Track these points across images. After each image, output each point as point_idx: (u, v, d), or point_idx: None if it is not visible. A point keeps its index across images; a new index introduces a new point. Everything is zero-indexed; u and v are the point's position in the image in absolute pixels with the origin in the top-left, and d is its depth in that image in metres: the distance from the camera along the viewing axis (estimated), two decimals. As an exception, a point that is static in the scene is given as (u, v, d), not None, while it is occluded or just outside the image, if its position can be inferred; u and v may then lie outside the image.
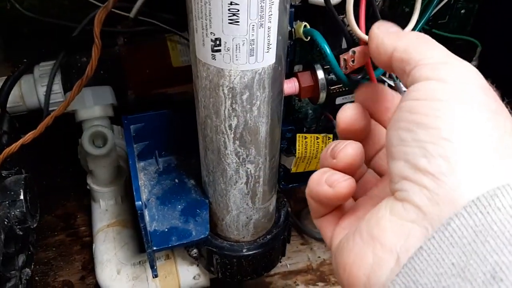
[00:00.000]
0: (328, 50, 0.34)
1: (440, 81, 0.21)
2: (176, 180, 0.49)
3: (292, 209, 0.64)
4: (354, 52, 0.30)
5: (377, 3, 0.41)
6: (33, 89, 0.61)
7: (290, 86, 0.42)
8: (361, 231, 0.23)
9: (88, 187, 0.62)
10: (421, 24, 0.38)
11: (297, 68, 0.46)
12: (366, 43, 0.30)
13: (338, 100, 0.48)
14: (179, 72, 0.66)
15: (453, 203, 0.19)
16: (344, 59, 0.31)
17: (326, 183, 0.25)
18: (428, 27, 0.44)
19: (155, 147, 0.51)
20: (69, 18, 0.69)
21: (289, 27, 0.37)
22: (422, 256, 0.19)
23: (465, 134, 0.20)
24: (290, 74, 0.43)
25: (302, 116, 0.50)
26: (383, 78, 0.39)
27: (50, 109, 0.60)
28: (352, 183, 0.25)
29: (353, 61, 0.30)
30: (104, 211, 0.61)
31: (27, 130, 0.49)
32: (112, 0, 0.34)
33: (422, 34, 0.25)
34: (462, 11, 0.47)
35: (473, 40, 0.45)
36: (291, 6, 0.37)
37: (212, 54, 0.35)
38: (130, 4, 0.64)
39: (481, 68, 0.47)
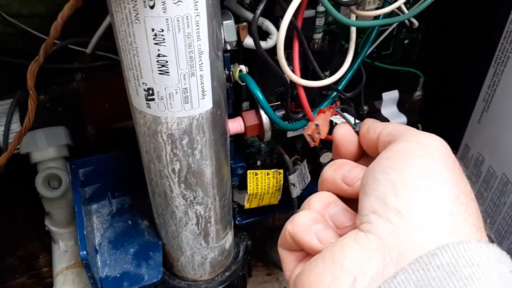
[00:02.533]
0: (260, 96, 0.34)
1: (419, 143, 0.25)
2: (129, 222, 0.49)
3: (258, 239, 0.63)
4: (317, 125, 0.31)
5: (316, 40, 0.41)
6: (-10, 128, 0.60)
7: (236, 125, 0.42)
8: (324, 255, 0.24)
9: (46, 228, 0.60)
10: (359, 59, 0.38)
11: (245, 105, 0.46)
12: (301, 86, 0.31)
13: (290, 134, 0.49)
14: (139, 105, 0.65)
15: (411, 238, 0.22)
16: (309, 135, 0.31)
17: (317, 237, 0.26)
18: (370, 60, 0.44)
19: (107, 188, 0.50)
20: (25, 56, 0.68)
21: (226, 71, 0.37)
22: None
23: (431, 184, 0.23)
24: (235, 113, 0.43)
25: (255, 151, 0.50)
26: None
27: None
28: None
29: (318, 133, 0.31)
30: (64, 253, 0.59)
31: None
32: (43, 54, 0.34)
33: (400, 124, 0.29)
34: (406, 41, 0.47)
35: (415, 71, 0.45)
36: (227, 51, 0.37)
37: (147, 103, 0.34)
38: (87, 39, 0.64)
39: (425, 98, 0.47)
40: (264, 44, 0.36)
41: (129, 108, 0.67)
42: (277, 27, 0.37)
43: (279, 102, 0.43)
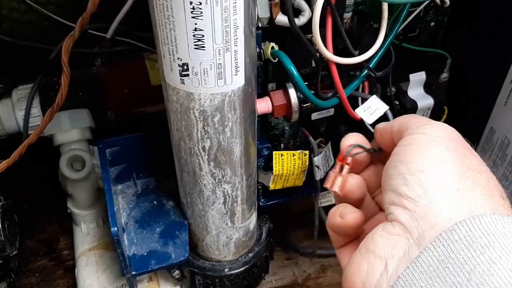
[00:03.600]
0: (294, 71, 0.34)
1: (421, 133, 0.28)
2: (155, 202, 0.49)
3: (277, 224, 0.63)
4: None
5: (345, 20, 0.41)
6: (11, 113, 0.60)
7: (263, 105, 0.42)
8: (360, 248, 0.27)
9: (68, 210, 0.61)
10: (389, 39, 0.38)
11: (271, 86, 0.46)
12: (334, 63, 0.32)
13: (314, 116, 0.49)
14: (158, 91, 0.65)
15: (427, 219, 0.24)
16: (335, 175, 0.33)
17: (339, 214, 0.30)
18: (398, 41, 0.44)
19: (132, 169, 0.50)
20: (46, 41, 0.69)
21: (257, 49, 0.38)
22: (402, 280, 0.23)
23: (435, 167, 0.25)
24: (263, 93, 0.43)
25: (279, 133, 0.50)
26: (357, 94, 0.39)
27: (30, 132, 0.60)
28: (360, 215, 0.30)
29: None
30: (86, 235, 0.60)
31: (7, 155, 0.49)
32: (78, 28, 0.34)
33: (408, 115, 0.32)
34: (432, 23, 0.47)
35: (442, 53, 0.45)
36: (258, 28, 0.37)
37: (180, 79, 0.35)
38: (107, 24, 0.64)
39: (452, 79, 0.47)
40: (296, 21, 0.36)
41: (148, 93, 0.68)
42: (309, 4, 0.37)
43: (307, 83, 0.43)
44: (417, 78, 0.45)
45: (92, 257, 0.57)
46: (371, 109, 0.40)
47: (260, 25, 0.36)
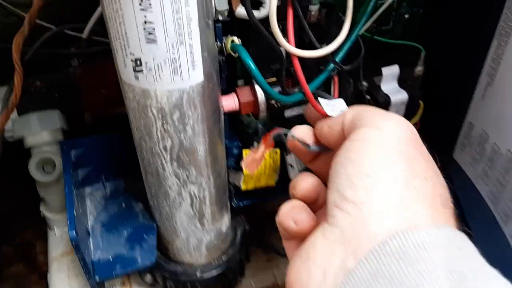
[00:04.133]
0: (252, 65, 0.33)
1: (375, 128, 0.26)
2: (123, 205, 0.48)
3: (255, 225, 0.62)
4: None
5: (312, 13, 0.40)
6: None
7: (229, 102, 0.40)
8: (301, 253, 0.26)
9: (42, 214, 0.59)
10: (356, 30, 0.37)
11: (240, 83, 0.44)
12: (296, 56, 0.33)
13: (287, 113, 0.47)
14: (136, 91, 0.64)
15: (366, 228, 0.23)
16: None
17: (294, 220, 0.29)
18: (369, 34, 0.43)
19: (101, 171, 0.49)
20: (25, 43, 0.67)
21: (218, 43, 0.36)
22: None
23: (383, 174, 0.24)
24: (229, 90, 0.41)
25: (252, 131, 0.49)
26: (318, 93, 0.37)
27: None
28: (313, 221, 0.29)
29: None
30: (59, 239, 0.58)
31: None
32: (28, 25, 0.32)
33: (362, 105, 0.30)
34: (406, 15, 0.46)
35: (416, 45, 0.44)
36: (218, 21, 0.35)
37: (135, 75, 0.33)
38: (83, 24, 0.63)
39: (427, 72, 0.46)
40: (256, 14, 0.34)
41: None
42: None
43: (275, 79, 0.42)
44: (390, 72, 0.43)
45: (65, 263, 0.55)
46: (336, 107, 0.38)
47: (220, 18, 0.35)
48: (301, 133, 0.34)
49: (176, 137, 0.37)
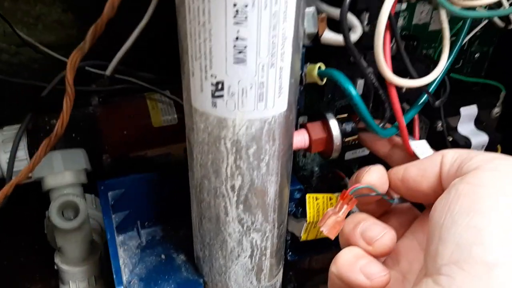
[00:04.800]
0: (353, 91, 0.29)
1: (497, 171, 0.22)
2: (163, 256, 0.42)
3: (294, 282, 0.56)
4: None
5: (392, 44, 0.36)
6: (-6, 155, 0.54)
7: (299, 139, 0.36)
8: None
9: (56, 267, 0.52)
10: (449, 61, 0.33)
11: (301, 119, 0.40)
12: (393, 86, 0.30)
13: (348, 155, 0.43)
14: (160, 133, 0.60)
15: None
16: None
17: (362, 272, 0.26)
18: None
19: (136, 217, 0.43)
20: (39, 78, 0.63)
21: (300, 70, 0.32)
22: None
23: None
24: (296, 126, 0.37)
25: (308, 174, 0.44)
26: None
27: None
28: (389, 277, 0.26)
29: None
30: (75, 296, 0.51)
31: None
32: (89, 41, 0.28)
33: (458, 149, 0.27)
34: (477, 55, 0.43)
35: (496, 84, 0.40)
36: (303, 46, 0.32)
37: (212, 101, 0.29)
38: (106, 62, 0.59)
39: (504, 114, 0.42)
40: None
41: (148, 135, 0.61)
42: (360, 20, 0.32)
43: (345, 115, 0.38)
44: (468, 112, 0.40)
45: (82, 324, 0.48)
46: (420, 149, 0.34)
47: (307, 42, 0.31)
48: (375, 178, 0.29)
49: (247, 175, 0.32)
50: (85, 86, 0.63)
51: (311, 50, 0.34)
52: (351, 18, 0.31)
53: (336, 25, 0.30)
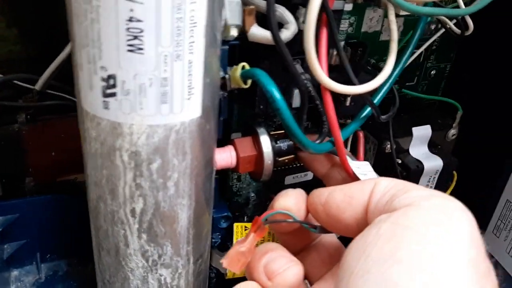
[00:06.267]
0: (277, 94, 0.24)
1: (436, 210, 0.19)
2: (62, 295, 0.34)
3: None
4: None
5: (334, 52, 0.32)
6: None
7: (225, 156, 0.30)
8: None
9: None
10: (398, 70, 0.29)
11: (234, 136, 0.35)
12: (328, 91, 0.25)
13: (288, 180, 0.38)
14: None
15: None
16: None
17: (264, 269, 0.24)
18: (398, 86, 0.36)
19: (35, 247, 0.36)
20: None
21: (221, 72, 0.27)
22: None
23: None
24: (224, 142, 0.32)
25: (243, 201, 0.38)
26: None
27: None
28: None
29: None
30: None
31: None
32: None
33: (391, 178, 0.23)
34: (433, 72, 0.39)
35: (453, 102, 0.36)
36: (225, 42, 0.26)
37: (104, 101, 0.23)
38: (36, 76, 0.53)
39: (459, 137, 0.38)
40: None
41: (79, 158, 0.55)
42: (295, 17, 0.27)
43: (282, 131, 0.33)
44: (421, 133, 0.35)
45: None
46: (361, 170, 0.30)
47: (231, 36, 0.26)
48: (291, 203, 0.26)
49: (151, 197, 0.26)
50: (11, 101, 0.56)
51: (242, 52, 0.29)
52: (284, 12, 0.27)
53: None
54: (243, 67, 0.26)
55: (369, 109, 0.28)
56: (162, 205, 0.26)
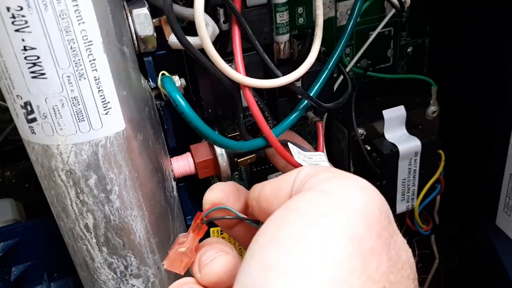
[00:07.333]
0: (180, 100, 0.24)
1: (324, 193, 0.18)
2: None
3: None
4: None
5: (281, 45, 0.31)
6: None
7: (182, 164, 0.31)
8: None
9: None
10: (334, 57, 0.27)
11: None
12: (247, 87, 0.25)
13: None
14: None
15: None
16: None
17: None
18: (361, 70, 0.34)
19: (43, 267, 0.39)
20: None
21: (150, 82, 0.28)
22: None
23: (321, 271, 0.16)
24: (185, 150, 0.32)
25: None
26: (293, 144, 0.28)
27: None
28: None
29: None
30: None
31: None
32: None
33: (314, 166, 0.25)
34: (409, 49, 0.36)
35: (425, 79, 0.34)
36: (148, 54, 0.27)
37: (29, 127, 0.24)
38: None
39: (446, 115, 0.35)
40: (193, 40, 0.26)
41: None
42: (215, 19, 0.27)
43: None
44: (394, 115, 0.33)
45: None
46: (312, 161, 0.28)
47: (150, 48, 0.27)
48: (216, 196, 0.25)
49: (98, 212, 0.27)
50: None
51: (172, 61, 0.29)
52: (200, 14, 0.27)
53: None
54: (163, 74, 0.26)
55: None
56: (112, 218, 0.27)
